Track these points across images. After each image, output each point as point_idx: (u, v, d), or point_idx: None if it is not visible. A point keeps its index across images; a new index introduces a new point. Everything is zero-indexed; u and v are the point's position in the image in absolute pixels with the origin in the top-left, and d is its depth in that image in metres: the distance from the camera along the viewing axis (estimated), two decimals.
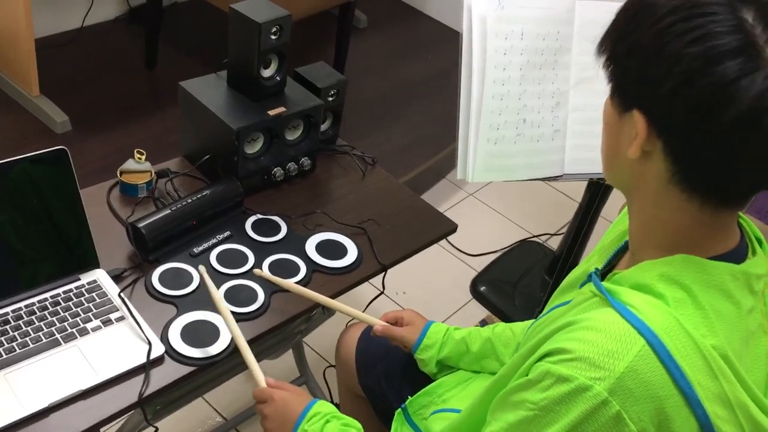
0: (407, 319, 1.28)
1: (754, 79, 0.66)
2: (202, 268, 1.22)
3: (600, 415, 0.70)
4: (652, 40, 0.71)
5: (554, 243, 2.51)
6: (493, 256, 2.43)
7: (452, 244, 2.44)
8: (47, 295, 1.19)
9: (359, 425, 1.05)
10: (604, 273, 0.90)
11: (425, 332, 1.25)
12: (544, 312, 0.97)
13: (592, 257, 0.97)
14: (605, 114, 0.81)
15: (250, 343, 1.22)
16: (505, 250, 2.46)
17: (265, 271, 1.31)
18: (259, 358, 1.62)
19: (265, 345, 1.56)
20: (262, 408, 1.08)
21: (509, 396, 0.79)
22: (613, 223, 0.99)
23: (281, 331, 1.53)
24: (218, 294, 1.17)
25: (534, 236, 2.55)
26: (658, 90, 0.70)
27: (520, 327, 1.23)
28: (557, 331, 0.77)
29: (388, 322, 1.28)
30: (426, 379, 1.25)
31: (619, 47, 0.75)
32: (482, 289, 2.31)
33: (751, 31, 0.67)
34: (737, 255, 0.79)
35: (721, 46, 0.66)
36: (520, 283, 2.32)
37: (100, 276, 1.24)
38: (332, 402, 1.83)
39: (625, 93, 0.76)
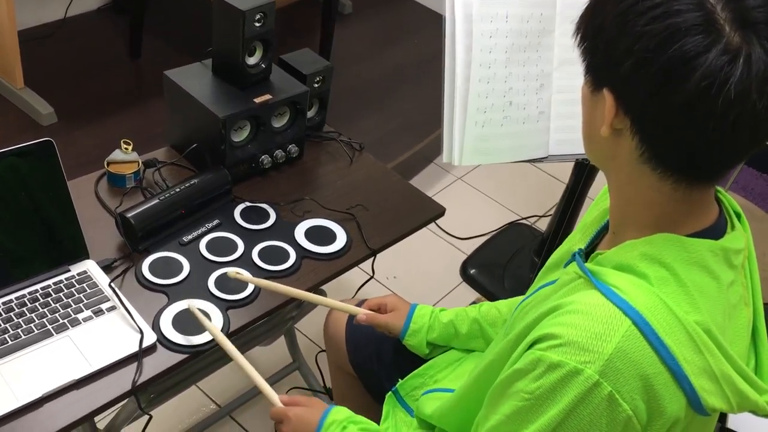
0: (390, 304, 1.27)
1: (709, 55, 0.66)
2: (192, 305, 1.20)
3: (593, 398, 0.71)
4: (616, 18, 0.72)
5: (543, 225, 2.53)
6: (482, 239, 2.44)
7: (441, 228, 2.45)
8: (38, 286, 1.19)
9: (376, 426, 1.05)
10: (588, 252, 0.92)
11: (411, 317, 1.24)
12: (530, 291, 0.98)
13: (575, 236, 0.98)
14: (582, 93, 0.82)
15: (241, 330, 1.23)
16: (494, 232, 2.48)
17: (254, 261, 1.32)
18: (251, 345, 1.64)
19: (256, 332, 1.57)
20: (280, 428, 1.08)
21: (503, 387, 0.80)
22: (595, 200, 1.00)
23: (272, 317, 1.54)
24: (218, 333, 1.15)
25: (522, 218, 2.56)
26: (622, 68, 0.71)
27: (505, 305, 1.23)
28: (545, 315, 0.78)
29: (371, 309, 1.27)
30: (417, 361, 1.26)
31: (589, 27, 0.76)
32: (472, 272, 2.32)
33: (711, 9, 0.68)
34: (716, 230, 0.80)
35: (681, 23, 0.67)
36: (509, 265, 2.33)
37: (90, 266, 1.25)
38: (324, 386, 1.86)
39: (595, 72, 0.77)
